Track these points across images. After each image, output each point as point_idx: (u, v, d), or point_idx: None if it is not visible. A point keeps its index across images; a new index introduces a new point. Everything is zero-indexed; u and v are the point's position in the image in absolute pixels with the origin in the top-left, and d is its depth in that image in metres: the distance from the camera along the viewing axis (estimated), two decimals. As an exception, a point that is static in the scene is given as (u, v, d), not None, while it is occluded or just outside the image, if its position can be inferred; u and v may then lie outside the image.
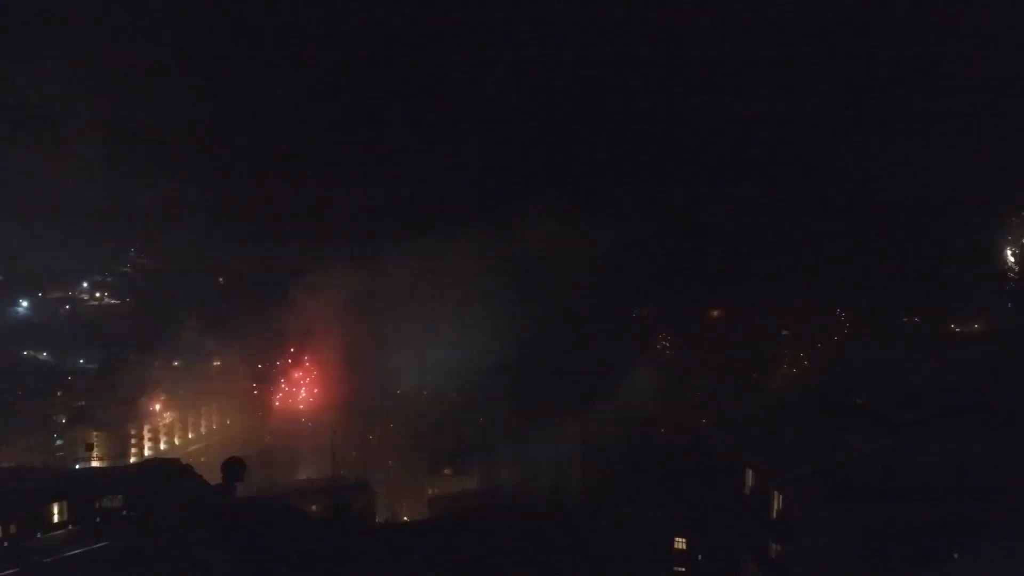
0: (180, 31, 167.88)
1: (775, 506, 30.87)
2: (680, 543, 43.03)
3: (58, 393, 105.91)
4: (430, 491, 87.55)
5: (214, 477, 38.20)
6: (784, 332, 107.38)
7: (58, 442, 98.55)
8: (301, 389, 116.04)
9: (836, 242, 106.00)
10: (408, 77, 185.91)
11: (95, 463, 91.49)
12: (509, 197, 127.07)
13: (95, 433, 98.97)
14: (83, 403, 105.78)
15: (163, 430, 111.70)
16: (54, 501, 38.30)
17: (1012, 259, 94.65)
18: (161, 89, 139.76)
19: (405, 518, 79.57)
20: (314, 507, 60.88)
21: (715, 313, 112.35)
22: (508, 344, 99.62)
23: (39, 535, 36.36)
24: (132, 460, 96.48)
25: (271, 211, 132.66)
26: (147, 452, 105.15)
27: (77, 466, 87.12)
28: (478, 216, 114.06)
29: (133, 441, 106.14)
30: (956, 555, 26.33)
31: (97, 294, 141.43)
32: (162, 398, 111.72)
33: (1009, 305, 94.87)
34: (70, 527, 37.28)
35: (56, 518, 38.21)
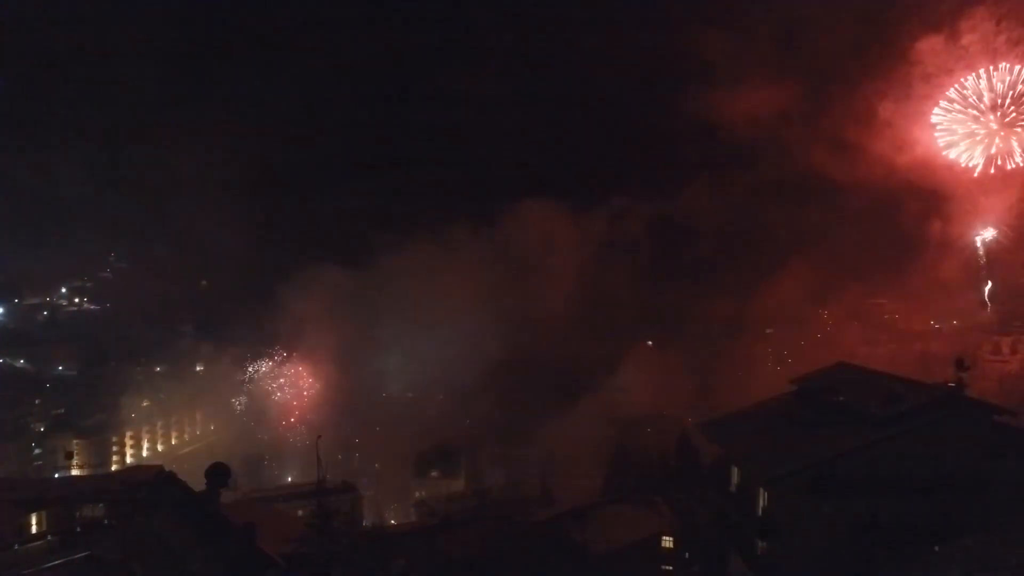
0: (163, 30, 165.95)
1: (761, 503, 31.12)
2: (667, 541, 43.22)
3: (36, 401, 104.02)
4: (417, 494, 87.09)
5: (198, 484, 37.67)
6: (768, 330, 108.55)
7: (36, 451, 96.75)
8: (287, 392, 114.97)
9: (820, 242, 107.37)
10: (400, 76, 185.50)
11: (75, 471, 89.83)
12: (495, 199, 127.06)
13: (75, 441, 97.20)
14: (62, 411, 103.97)
15: (146, 437, 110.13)
16: (32, 512, 37.49)
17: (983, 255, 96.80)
18: (143, 88, 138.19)
19: (392, 521, 79.14)
20: (300, 512, 60.31)
21: (700, 312, 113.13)
22: (494, 346, 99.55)
23: (16, 547, 35.59)
24: (114, 468, 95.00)
25: (256, 212, 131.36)
26: (129, 459, 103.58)
27: (56, 475, 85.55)
28: (463, 218, 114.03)
29: (115, 448, 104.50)
30: (937, 548, 26.75)
31: (76, 299, 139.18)
32: (144, 404, 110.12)
33: (987, 304, 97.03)
34: (49, 538, 36.52)
35: (34, 529, 37.41)
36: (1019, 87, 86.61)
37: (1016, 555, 25.28)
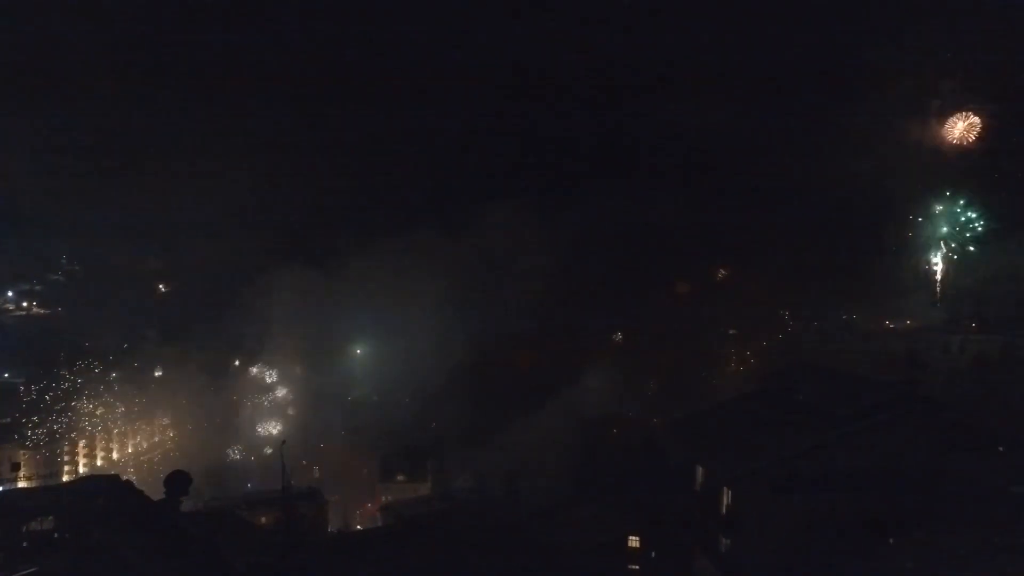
0: (118, 27, 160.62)
1: (724, 502, 31.75)
2: (633, 541, 43.67)
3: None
4: (383, 498, 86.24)
5: (157, 493, 36.54)
6: (731, 331, 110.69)
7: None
8: (251, 397, 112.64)
9: (780, 244, 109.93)
10: (371, 78, 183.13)
11: (22, 483, 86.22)
12: (462, 200, 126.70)
13: (21, 451, 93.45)
14: (7, 420, 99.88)
15: (100, 445, 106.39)
16: (-27, 527, 35.70)
17: (939, 262, 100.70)
18: (95, 83, 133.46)
19: (358, 526, 78.16)
20: (263, 519, 59.08)
21: (664, 313, 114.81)
22: (460, 348, 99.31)
23: (-44, 565, 33.89)
24: (65, 478, 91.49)
25: (216, 211, 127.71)
26: (82, 469, 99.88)
27: (1, 488, 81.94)
28: (429, 219, 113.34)
29: (67, 458, 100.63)
30: (891, 540, 27.68)
31: (24, 303, 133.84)
32: (99, 411, 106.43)
33: (937, 304, 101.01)
34: (-9, 555, 34.87)
35: (-24, 546, 35.65)
36: None
37: (965, 546, 26.33)
